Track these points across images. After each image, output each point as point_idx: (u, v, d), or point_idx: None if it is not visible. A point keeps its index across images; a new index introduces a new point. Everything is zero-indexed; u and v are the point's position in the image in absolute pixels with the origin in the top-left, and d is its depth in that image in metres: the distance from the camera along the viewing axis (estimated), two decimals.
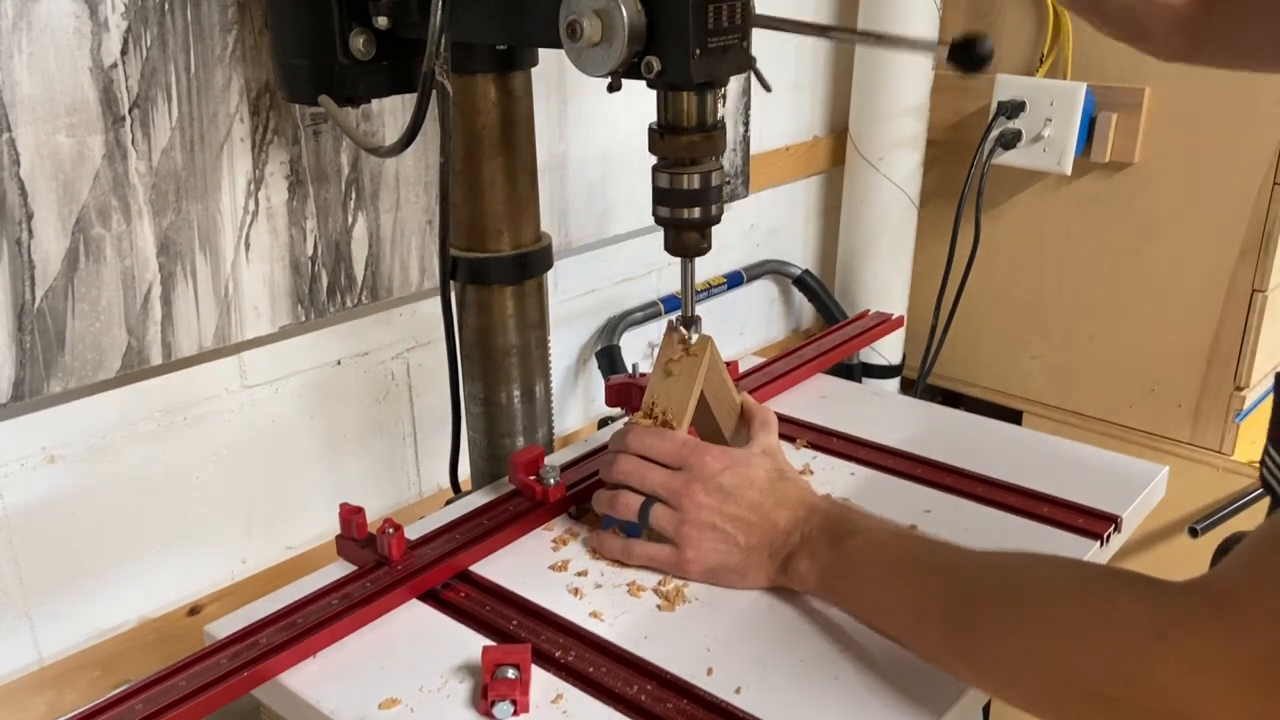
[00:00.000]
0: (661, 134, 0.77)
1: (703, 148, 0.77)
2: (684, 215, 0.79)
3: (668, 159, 0.78)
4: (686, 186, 0.78)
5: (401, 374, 1.19)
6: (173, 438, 1.00)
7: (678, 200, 0.78)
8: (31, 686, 0.94)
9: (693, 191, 0.78)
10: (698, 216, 0.79)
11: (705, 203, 0.78)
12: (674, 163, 0.78)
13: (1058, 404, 1.70)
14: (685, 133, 0.76)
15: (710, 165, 0.78)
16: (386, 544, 0.77)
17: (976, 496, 0.89)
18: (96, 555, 0.97)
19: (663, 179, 0.78)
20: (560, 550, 0.83)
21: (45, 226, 0.85)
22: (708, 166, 0.78)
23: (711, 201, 0.79)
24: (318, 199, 1.02)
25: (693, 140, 0.77)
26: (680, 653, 0.71)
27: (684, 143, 0.77)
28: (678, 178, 0.78)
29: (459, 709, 0.67)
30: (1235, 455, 1.53)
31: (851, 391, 1.13)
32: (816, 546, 0.74)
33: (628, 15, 0.68)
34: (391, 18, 0.84)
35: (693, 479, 0.78)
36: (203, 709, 0.64)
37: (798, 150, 1.68)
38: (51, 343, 0.87)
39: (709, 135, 0.77)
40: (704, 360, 0.82)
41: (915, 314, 1.75)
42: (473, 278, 0.91)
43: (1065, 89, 1.52)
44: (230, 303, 0.98)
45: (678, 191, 0.78)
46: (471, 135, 0.87)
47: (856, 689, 0.68)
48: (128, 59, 0.87)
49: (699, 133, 0.77)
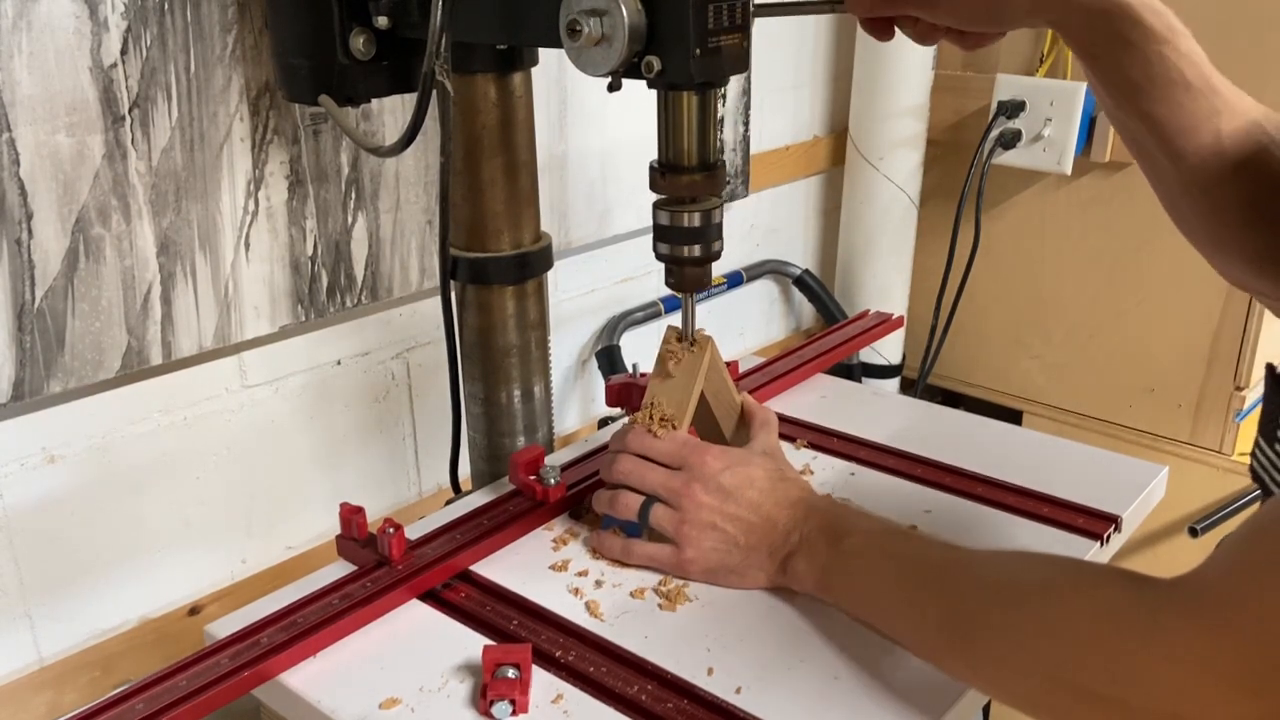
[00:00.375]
0: (662, 173, 0.77)
1: (703, 186, 0.77)
2: (684, 253, 0.79)
3: (668, 197, 0.78)
4: (687, 224, 0.78)
5: (401, 374, 1.19)
6: (173, 438, 1.00)
7: (678, 238, 0.79)
8: (31, 686, 0.94)
9: (693, 229, 0.78)
10: (698, 254, 0.79)
11: (706, 240, 0.79)
12: (674, 200, 0.78)
13: (1058, 404, 1.70)
14: (686, 172, 0.77)
15: (710, 203, 0.78)
16: (387, 544, 0.77)
17: (976, 496, 0.89)
18: (96, 555, 0.97)
19: (663, 216, 0.79)
20: (560, 550, 0.83)
21: (45, 226, 0.85)
22: (708, 205, 0.78)
23: (713, 239, 0.79)
24: (318, 199, 1.02)
25: (694, 180, 0.77)
26: (680, 653, 0.71)
27: (685, 182, 0.77)
28: (678, 215, 0.78)
29: (459, 709, 0.67)
30: (1235, 455, 1.53)
31: (851, 391, 1.13)
32: (815, 546, 0.74)
33: (628, 15, 0.68)
34: (391, 17, 0.84)
35: (693, 479, 0.78)
36: (203, 709, 0.64)
37: (798, 150, 1.68)
38: (51, 343, 0.87)
39: (710, 174, 0.77)
40: (704, 360, 0.82)
41: (915, 314, 1.75)
42: (473, 277, 0.91)
43: (1065, 89, 1.52)
44: (230, 303, 0.98)
45: (678, 229, 0.78)
46: (471, 135, 0.87)
47: (856, 689, 0.68)
48: (127, 59, 0.87)
49: (700, 172, 0.77)
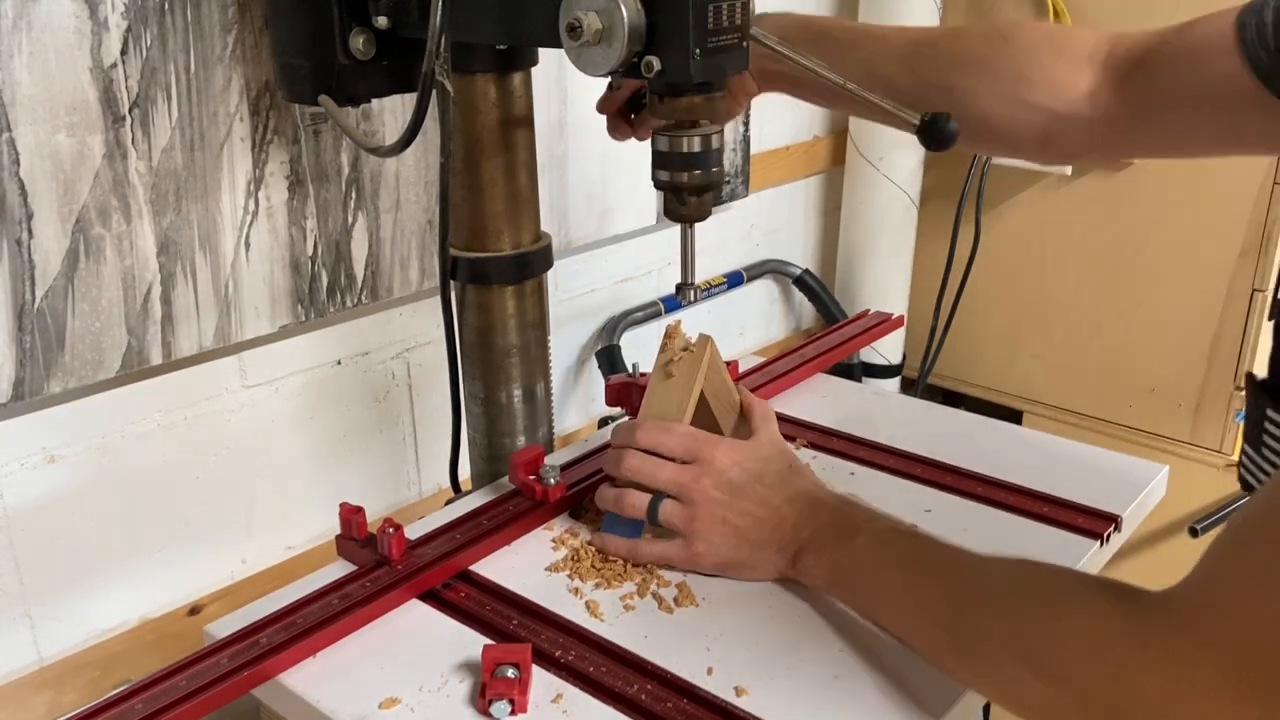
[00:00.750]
0: (661, 97, 0.75)
1: (703, 109, 0.74)
2: (684, 178, 0.76)
3: (667, 121, 0.75)
4: (686, 149, 0.75)
5: (401, 374, 1.19)
6: (173, 437, 1.00)
7: (677, 163, 0.75)
8: (31, 686, 0.94)
9: (693, 154, 0.75)
10: (699, 179, 0.76)
11: (706, 165, 0.76)
12: (674, 125, 0.75)
13: (1058, 404, 1.70)
14: (685, 93, 0.74)
15: (710, 128, 0.75)
16: (386, 544, 0.77)
17: (976, 496, 0.89)
18: (96, 555, 0.97)
19: (662, 142, 0.76)
20: (560, 550, 0.83)
21: (45, 226, 0.85)
22: (708, 129, 0.75)
23: (712, 164, 0.76)
24: (318, 199, 1.02)
25: (693, 102, 0.74)
26: (680, 653, 0.71)
27: (684, 104, 0.74)
28: (677, 140, 0.75)
29: (459, 708, 0.67)
30: (1235, 455, 1.53)
31: (851, 391, 1.13)
32: (825, 542, 0.74)
33: (628, 15, 0.68)
34: (391, 17, 0.83)
35: (703, 473, 0.77)
36: (203, 709, 0.64)
37: (798, 150, 1.68)
38: (51, 343, 0.87)
39: (709, 97, 0.74)
40: (704, 359, 0.82)
41: (915, 314, 1.75)
42: (473, 277, 0.91)
43: None
44: (230, 302, 0.98)
45: (677, 154, 0.75)
46: (471, 135, 0.87)
47: (856, 689, 0.68)
48: (128, 59, 0.87)
49: (699, 93, 0.74)
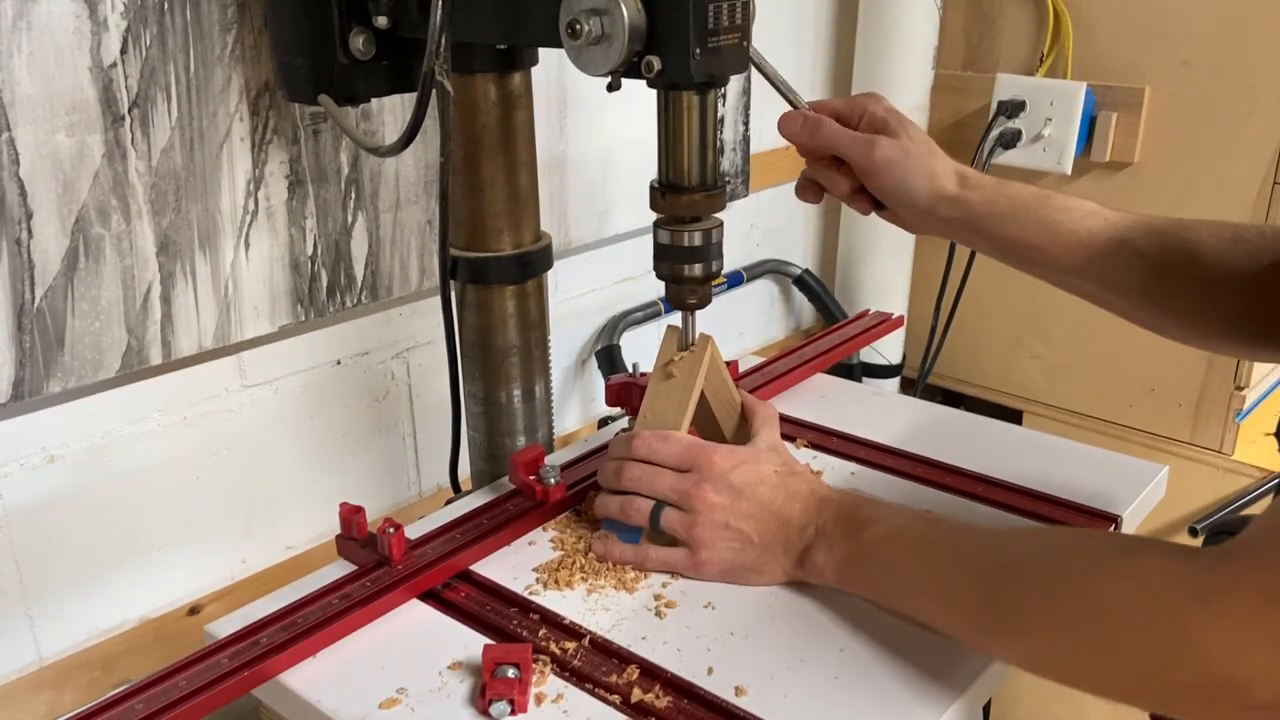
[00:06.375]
0: (663, 193, 0.77)
1: (704, 206, 0.77)
2: (684, 272, 0.79)
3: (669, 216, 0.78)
4: (687, 244, 0.78)
5: (401, 374, 1.19)
6: (172, 437, 1.00)
7: (679, 257, 0.79)
8: (31, 686, 0.94)
9: (694, 249, 0.78)
10: (699, 273, 0.79)
11: (706, 259, 0.79)
12: (675, 220, 0.78)
13: (1058, 404, 1.70)
14: (686, 192, 0.77)
15: (711, 223, 0.78)
16: (387, 544, 0.77)
17: (976, 496, 0.89)
18: (96, 555, 0.97)
19: (663, 235, 0.79)
20: (560, 550, 0.83)
21: (45, 226, 0.85)
22: (709, 224, 0.78)
23: (712, 258, 0.79)
24: (317, 199, 1.02)
25: (694, 200, 0.77)
26: (680, 653, 0.71)
27: (685, 202, 0.77)
28: (678, 235, 0.78)
29: (459, 708, 0.67)
30: (1235, 455, 1.53)
31: (851, 391, 1.13)
32: (833, 538, 0.74)
33: (628, 14, 0.68)
34: (391, 17, 0.83)
35: (702, 480, 0.77)
36: (203, 709, 0.64)
37: None
38: (51, 342, 0.87)
39: (710, 194, 0.77)
40: (704, 360, 0.82)
41: (915, 314, 1.74)
42: (473, 277, 0.91)
43: (1065, 88, 1.52)
44: (230, 302, 0.98)
45: (679, 249, 0.78)
46: (471, 135, 0.87)
47: (856, 689, 0.68)
48: (127, 58, 0.87)
49: (700, 192, 0.77)
